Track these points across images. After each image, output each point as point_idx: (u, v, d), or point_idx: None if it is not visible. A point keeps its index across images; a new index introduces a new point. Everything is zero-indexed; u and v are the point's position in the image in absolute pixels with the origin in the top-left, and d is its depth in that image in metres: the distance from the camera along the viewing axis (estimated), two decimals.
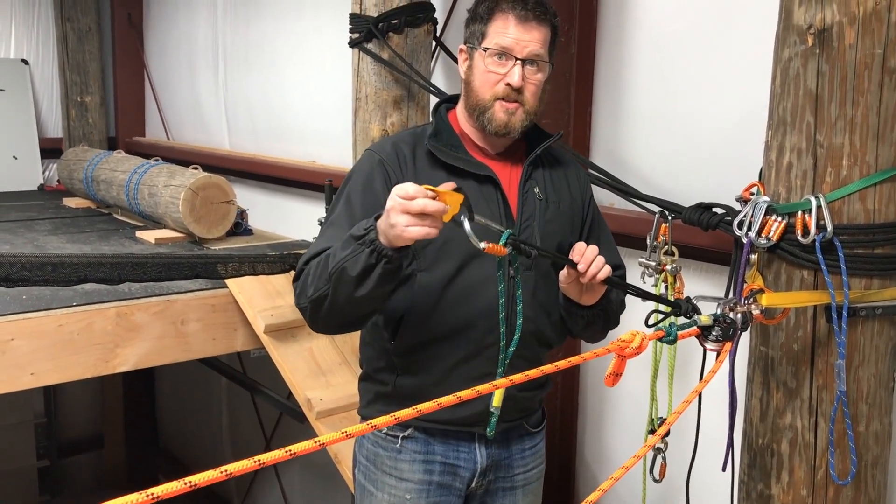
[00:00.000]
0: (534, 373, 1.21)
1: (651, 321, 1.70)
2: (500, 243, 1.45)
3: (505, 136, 1.83)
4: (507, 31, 1.77)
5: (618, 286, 1.73)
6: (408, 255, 1.58)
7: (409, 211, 1.45)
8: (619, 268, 2.01)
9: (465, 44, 1.87)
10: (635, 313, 2.13)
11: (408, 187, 1.47)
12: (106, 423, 7.01)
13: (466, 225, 1.43)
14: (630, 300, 1.95)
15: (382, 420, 0.98)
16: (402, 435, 1.92)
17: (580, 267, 1.65)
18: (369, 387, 1.98)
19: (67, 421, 6.92)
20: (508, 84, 1.76)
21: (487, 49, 1.78)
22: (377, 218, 1.56)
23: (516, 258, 1.53)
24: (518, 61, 1.76)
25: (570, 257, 1.67)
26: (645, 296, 1.70)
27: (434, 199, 1.44)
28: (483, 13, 1.81)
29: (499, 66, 1.77)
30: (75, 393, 6.74)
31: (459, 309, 1.80)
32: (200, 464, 6.70)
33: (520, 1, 1.78)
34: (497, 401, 1.54)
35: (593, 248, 1.69)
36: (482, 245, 1.42)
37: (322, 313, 1.69)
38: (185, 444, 6.95)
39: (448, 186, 1.47)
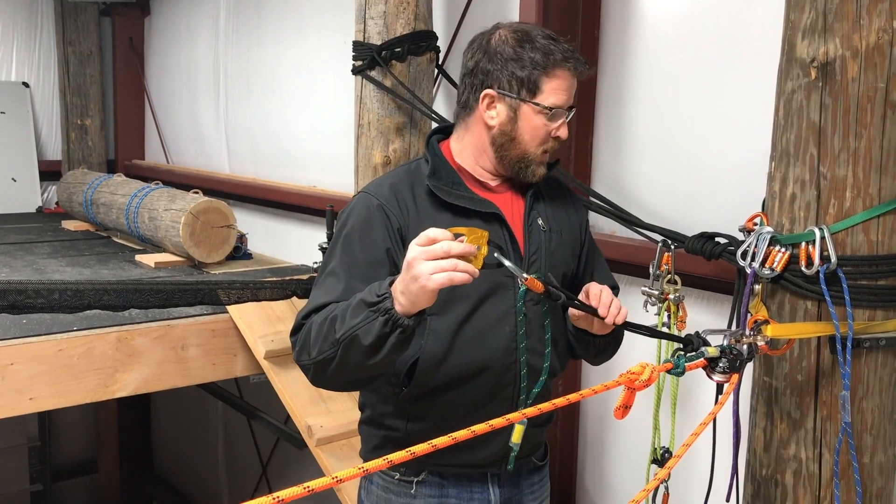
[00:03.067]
0: (546, 406, 1.21)
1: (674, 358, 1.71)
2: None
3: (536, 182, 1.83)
4: (565, 88, 1.72)
5: (634, 329, 1.71)
6: (423, 319, 1.52)
7: (433, 256, 1.40)
8: (615, 288, 2.04)
9: (495, 88, 1.74)
10: (640, 343, 2.14)
11: (429, 232, 1.42)
12: (100, 447, 6.96)
13: (506, 261, 1.40)
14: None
15: (398, 455, 0.98)
16: (416, 480, 1.86)
17: (600, 311, 1.65)
18: (375, 432, 1.91)
19: (61, 445, 6.87)
20: (557, 138, 1.76)
21: (551, 109, 1.72)
22: (391, 283, 1.50)
23: (521, 296, 1.53)
24: (567, 115, 1.75)
25: (587, 302, 1.67)
26: (658, 335, 1.70)
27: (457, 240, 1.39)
28: (539, 63, 1.71)
29: (549, 119, 1.74)
30: (70, 416, 6.69)
31: (473, 351, 1.75)
32: (195, 489, 6.65)
33: (570, 53, 1.73)
34: (517, 437, 1.52)
35: (608, 293, 1.68)
36: (524, 276, 1.38)
37: (327, 375, 1.63)
38: (181, 468, 6.90)
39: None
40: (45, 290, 2.50)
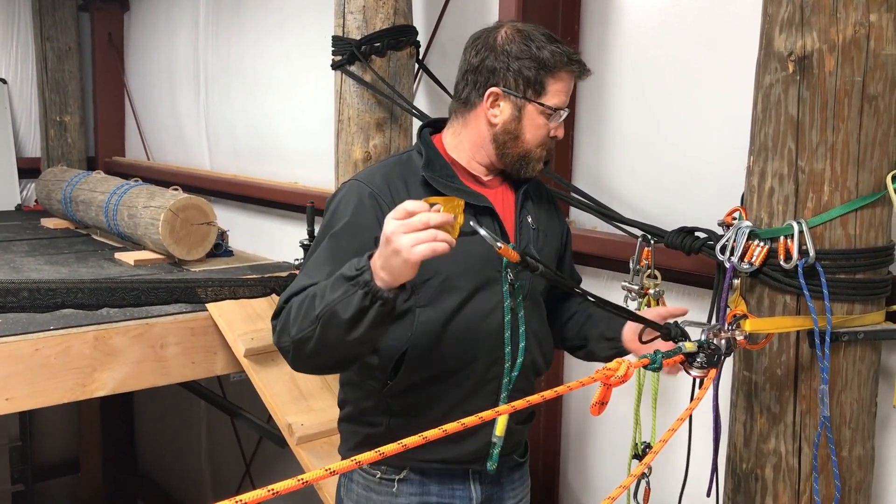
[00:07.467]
0: (519, 403, 1.20)
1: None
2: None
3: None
4: (567, 90, 1.77)
5: (616, 311, 1.71)
6: (404, 292, 1.49)
7: (411, 229, 1.39)
8: (578, 282, 2.15)
9: (501, 87, 1.75)
10: None
11: (405, 205, 1.41)
12: (83, 447, 6.90)
13: (481, 230, 1.39)
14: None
15: (367, 456, 0.96)
16: (398, 478, 1.85)
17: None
18: (356, 429, 1.89)
19: (43, 444, 6.80)
20: (554, 137, 1.81)
21: (556, 109, 1.76)
22: (370, 256, 1.48)
23: (519, 290, 1.50)
24: (564, 116, 1.79)
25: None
26: (636, 319, 1.70)
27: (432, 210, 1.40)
28: (546, 63, 1.73)
29: (550, 119, 1.78)
30: (51, 416, 6.63)
31: (462, 344, 1.75)
32: (179, 488, 6.61)
33: (575, 56, 1.77)
34: (500, 430, 1.50)
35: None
36: (499, 244, 1.37)
37: (305, 354, 1.60)
38: (164, 468, 6.86)
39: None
40: (14, 289, 2.46)
